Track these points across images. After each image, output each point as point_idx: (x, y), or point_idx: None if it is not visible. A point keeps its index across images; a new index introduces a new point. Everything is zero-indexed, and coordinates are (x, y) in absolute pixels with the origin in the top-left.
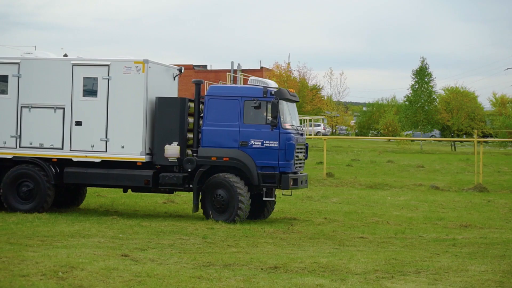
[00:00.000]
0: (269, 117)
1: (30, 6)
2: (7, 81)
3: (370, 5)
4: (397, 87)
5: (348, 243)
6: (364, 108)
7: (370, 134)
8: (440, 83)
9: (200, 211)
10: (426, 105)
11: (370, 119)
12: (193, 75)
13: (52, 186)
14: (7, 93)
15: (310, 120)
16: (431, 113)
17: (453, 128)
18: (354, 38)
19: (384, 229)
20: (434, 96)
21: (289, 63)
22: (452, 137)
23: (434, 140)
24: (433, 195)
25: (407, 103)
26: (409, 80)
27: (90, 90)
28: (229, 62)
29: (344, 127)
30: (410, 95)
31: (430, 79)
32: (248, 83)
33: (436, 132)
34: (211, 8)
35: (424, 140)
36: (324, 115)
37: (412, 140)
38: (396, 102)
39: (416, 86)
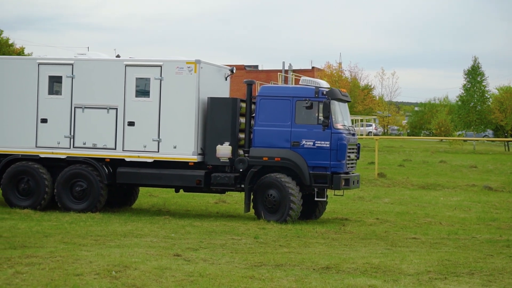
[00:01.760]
0: (321, 117)
1: (82, 7)
2: (61, 82)
3: (422, 4)
4: (449, 86)
5: (400, 243)
6: (416, 108)
7: (422, 134)
8: (493, 83)
9: (252, 211)
10: (478, 105)
11: (422, 119)
12: (244, 75)
13: (105, 186)
14: (61, 94)
15: (361, 120)
16: (484, 113)
17: (507, 128)
18: (406, 37)
19: (436, 229)
20: (487, 95)
21: (340, 63)
22: (506, 137)
23: (487, 140)
24: (486, 195)
25: (459, 103)
26: (462, 79)
27: (142, 91)
28: (280, 62)
29: (395, 127)
30: (462, 95)
31: (483, 78)
32: (299, 83)
33: (489, 132)
34: (261, 8)
35: (477, 140)
36: (375, 115)
37: (464, 140)
38: (449, 102)
39: (469, 86)
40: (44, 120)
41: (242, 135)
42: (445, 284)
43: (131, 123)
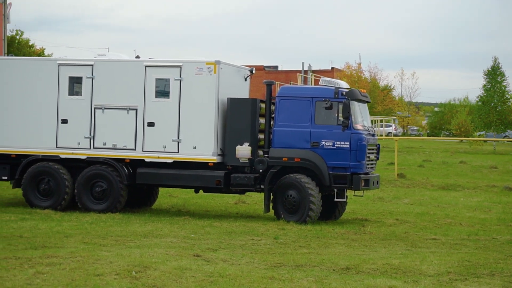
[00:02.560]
0: (341, 118)
1: (102, 8)
2: (81, 83)
3: (442, 4)
4: (469, 87)
5: (420, 244)
6: (436, 109)
7: (442, 135)
8: None
9: (271, 211)
10: (499, 105)
11: (442, 119)
12: (263, 76)
13: (125, 186)
14: (81, 95)
15: (381, 121)
16: (504, 113)
17: None
18: (426, 38)
19: (456, 230)
20: (507, 96)
21: (360, 64)
22: None
23: (508, 141)
24: (506, 196)
25: (479, 103)
26: (482, 80)
27: (162, 91)
28: (299, 63)
29: (415, 128)
30: (482, 95)
31: (503, 79)
32: (319, 83)
33: (510, 132)
34: (280, 9)
35: (497, 141)
36: (395, 116)
37: (485, 141)
38: (469, 103)
39: (489, 86)
40: (64, 121)
41: (261, 136)
42: (465, 285)
43: (151, 124)
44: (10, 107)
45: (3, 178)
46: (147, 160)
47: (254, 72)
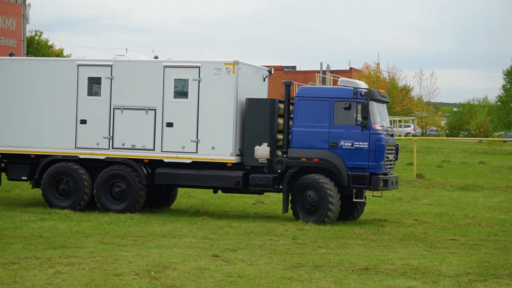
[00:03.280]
0: (359, 118)
1: (121, 9)
2: (100, 83)
3: (461, 4)
4: (488, 87)
5: (439, 245)
6: (455, 109)
7: (461, 135)
8: None
9: (290, 212)
10: None
11: (461, 119)
12: (282, 76)
13: (144, 186)
14: (100, 95)
15: (400, 121)
16: None
17: None
18: (445, 38)
19: (476, 231)
20: None
21: (378, 64)
22: None
23: None
24: None
25: (499, 103)
26: (501, 80)
27: (181, 92)
28: (318, 63)
29: (434, 128)
30: (502, 95)
31: None
32: (338, 84)
33: None
34: (299, 9)
35: None
36: (414, 116)
37: (504, 141)
38: (488, 103)
39: (508, 86)
40: (83, 121)
41: (280, 136)
42: (485, 286)
43: (169, 124)
44: (29, 107)
45: (22, 178)
46: (165, 160)
47: (272, 72)
